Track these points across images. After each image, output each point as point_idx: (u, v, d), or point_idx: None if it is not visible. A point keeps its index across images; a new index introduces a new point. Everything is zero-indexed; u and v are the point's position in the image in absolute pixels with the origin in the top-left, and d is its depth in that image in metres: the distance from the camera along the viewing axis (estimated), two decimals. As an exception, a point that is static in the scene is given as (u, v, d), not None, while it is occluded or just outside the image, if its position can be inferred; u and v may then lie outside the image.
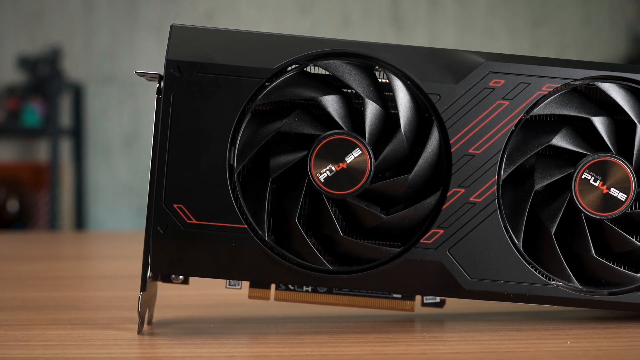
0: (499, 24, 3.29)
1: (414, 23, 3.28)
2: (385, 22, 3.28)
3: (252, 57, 0.55)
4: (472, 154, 0.56)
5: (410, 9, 3.28)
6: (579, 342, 0.53)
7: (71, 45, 3.16)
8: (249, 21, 3.23)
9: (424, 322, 0.62)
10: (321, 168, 0.55)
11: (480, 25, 3.29)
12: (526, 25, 3.29)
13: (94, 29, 3.20)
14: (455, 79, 0.56)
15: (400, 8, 3.27)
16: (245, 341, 0.55)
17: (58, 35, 3.17)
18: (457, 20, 3.28)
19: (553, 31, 3.30)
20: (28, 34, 3.18)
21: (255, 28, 3.20)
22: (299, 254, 0.56)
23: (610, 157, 0.56)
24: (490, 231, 0.56)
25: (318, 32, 3.23)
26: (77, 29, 3.19)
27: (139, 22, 3.20)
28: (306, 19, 3.26)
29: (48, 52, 3.09)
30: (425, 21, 3.28)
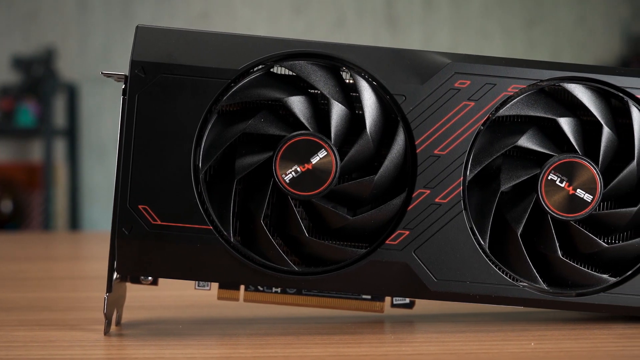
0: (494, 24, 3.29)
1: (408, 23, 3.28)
2: (379, 22, 3.28)
3: (217, 58, 0.55)
4: (438, 155, 0.56)
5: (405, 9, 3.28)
6: (543, 343, 0.53)
7: (65, 45, 3.17)
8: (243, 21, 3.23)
9: (393, 323, 0.62)
10: (286, 169, 0.55)
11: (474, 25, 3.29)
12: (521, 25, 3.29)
13: (89, 29, 3.20)
14: (421, 80, 0.56)
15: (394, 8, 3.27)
16: (210, 342, 0.55)
17: (52, 35, 3.17)
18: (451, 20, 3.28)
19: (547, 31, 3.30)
20: (22, 34, 3.18)
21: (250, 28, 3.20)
22: (264, 255, 0.56)
23: (576, 158, 0.56)
24: (456, 232, 0.56)
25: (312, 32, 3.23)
26: (71, 29, 3.19)
27: (134, 23, 3.20)
28: (301, 19, 3.26)
29: (42, 52, 3.09)
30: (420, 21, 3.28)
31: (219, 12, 3.24)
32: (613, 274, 0.58)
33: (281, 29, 3.22)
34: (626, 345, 0.52)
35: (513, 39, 3.28)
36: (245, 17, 3.24)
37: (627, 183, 0.57)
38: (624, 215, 0.57)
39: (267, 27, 3.22)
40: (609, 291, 0.57)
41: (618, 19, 3.31)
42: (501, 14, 3.29)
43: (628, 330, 0.56)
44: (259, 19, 3.24)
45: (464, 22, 3.29)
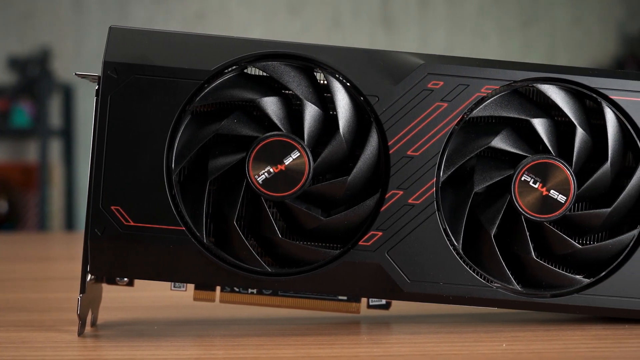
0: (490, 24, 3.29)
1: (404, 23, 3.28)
2: (375, 23, 3.28)
3: (190, 59, 0.55)
4: (411, 156, 0.56)
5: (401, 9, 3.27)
6: (514, 344, 0.53)
7: (61, 45, 3.17)
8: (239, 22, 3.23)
9: (369, 324, 0.62)
10: (259, 170, 0.55)
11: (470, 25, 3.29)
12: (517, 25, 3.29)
13: (84, 30, 3.20)
14: (394, 81, 0.56)
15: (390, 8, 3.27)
16: (183, 343, 0.55)
17: (48, 35, 3.17)
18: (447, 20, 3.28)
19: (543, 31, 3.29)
20: (18, 34, 3.18)
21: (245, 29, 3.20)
22: (237, 256, 0.56)
23: (549, 159, 0.56)
24: (429, 233, 0.56)
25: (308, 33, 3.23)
26: (67, 30, 3.19)
27: (129, 23, 3.20)
28: (296, 19, 3.26)
29: (38, 53, 3.09)
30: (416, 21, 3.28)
31: (215, 13, 3.24)
32: (587, 275, 0.58)
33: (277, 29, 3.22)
34: (597, 347, 0.52)
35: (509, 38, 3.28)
36: (241, 17, 3.24)
37: (601, 184, 0.57)
38: (598, 216, 0.57)
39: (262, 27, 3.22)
40: (582, 292, 0.57)
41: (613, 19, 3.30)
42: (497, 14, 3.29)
43: (602, 331, 0.56)
44: (255, 19, 3.24)
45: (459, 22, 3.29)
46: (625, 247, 0.57)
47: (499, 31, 3.28)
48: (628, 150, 0.58)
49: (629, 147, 0.58)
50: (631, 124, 0.57)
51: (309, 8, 3.27)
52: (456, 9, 3.29)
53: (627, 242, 0.57)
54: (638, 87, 0.57)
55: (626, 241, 0.57)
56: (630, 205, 0.58)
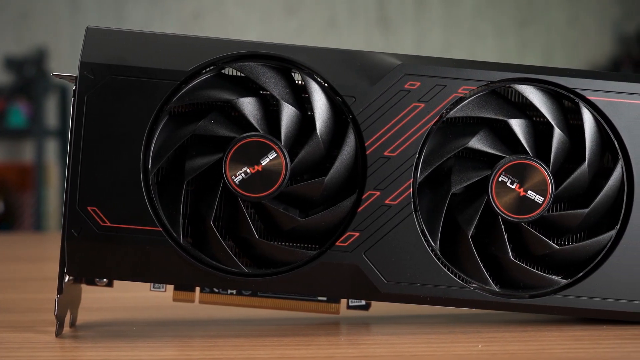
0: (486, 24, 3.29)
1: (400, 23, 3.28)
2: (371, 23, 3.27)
3: (166, 60, 0.55)
4: (388, 157, 0.56)
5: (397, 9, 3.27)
6: (490, 345, 0.53)
7: (57, 46, 3.16)
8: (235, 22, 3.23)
9: (349, 325, 0.61)
10: (236, 170, 0.55)
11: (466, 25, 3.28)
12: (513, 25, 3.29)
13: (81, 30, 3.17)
14: (371, 81, 0.56)
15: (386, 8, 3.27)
16: (160, 344, 0.55)
17: (44, 36, 3.17)
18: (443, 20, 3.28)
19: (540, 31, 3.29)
20: (14, 34, 3.18)
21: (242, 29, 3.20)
22: (215, 256, 0.56)
23: (527, 160, 0.56)
24: (406, 234, 0.56)
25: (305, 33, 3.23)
26: (63, 30, 3.19)
27: (126, 23, 3.20)
28: (293, 20, 3.26)
29: (34, 53, 3.09)
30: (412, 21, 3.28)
31: (211, 13, 3.24)
32: (566, 276, 0.58)
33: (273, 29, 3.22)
34: (573, 347, 0.52)
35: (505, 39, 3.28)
36: (237, 18, 3.24)
37: (578, 185, 0.57)
38: (576, 216, 0.57)
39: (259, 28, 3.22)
40: (560, 293, 0.57)
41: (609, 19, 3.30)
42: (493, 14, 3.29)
43: (579, 332, 0.56)
44: (251, 19, 3.24)
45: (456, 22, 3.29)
46: (603, 248, 0.57)
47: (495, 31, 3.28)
48: (606, 151, 0.58)
49: (607, 147, 0.58)
50: (608, 125, 0.57)
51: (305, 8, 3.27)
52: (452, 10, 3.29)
53: (605, 242, 0.57)
54: (615, 88, 0.57)
55: (604, 242, 0.57)
56: (608, 206, 0.57)
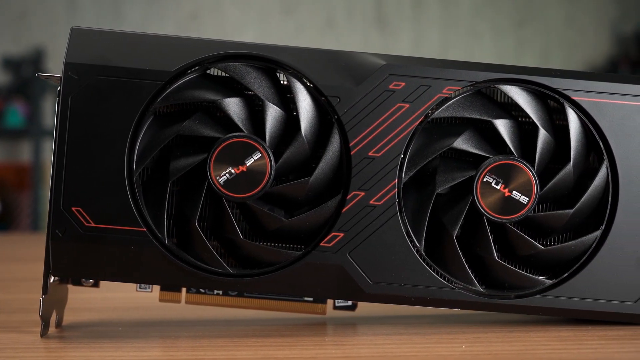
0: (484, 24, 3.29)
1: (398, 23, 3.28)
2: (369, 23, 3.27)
3: (151, 60, 0.55)
4: (373, 157, 0.56)
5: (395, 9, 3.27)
6: (474, 346, 0.53)
7: (55, 46, 3.16)
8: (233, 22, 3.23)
9: (335, 325, 0.61)
10: (221, 171, 0.55)
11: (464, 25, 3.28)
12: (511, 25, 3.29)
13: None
14: (356, 82, 0.56)
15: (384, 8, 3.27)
16: (143, 344, 0.55)
17: (42, 36, 3.17)
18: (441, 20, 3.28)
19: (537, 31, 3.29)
20: (12, 34, 3.18)
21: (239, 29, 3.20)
22: (199, 257, 0.56)
23: (512, 160, 0.56)
24: (391, 234, 0.56)
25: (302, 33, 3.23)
26: (61, 30, 3.19)
27: (123, 23, 3.20)
28: (290, 20, 3.26)
29: (32, 53, 3.09)
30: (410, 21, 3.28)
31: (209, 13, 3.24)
32: (551, 277, 0.58)
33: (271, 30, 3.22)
34: (556, 348, 0.52)
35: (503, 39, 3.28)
36: (235, 18, 3.24)
37: (563, 185, 0.57)
38: (561, 217, 0.57)
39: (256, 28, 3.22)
40: (545, 293, 0.57)
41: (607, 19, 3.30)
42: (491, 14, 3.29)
43: (565, 332, 0.56)
44: (249, 20, 3.24)
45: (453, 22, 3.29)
46: (588, 248, 0.57)
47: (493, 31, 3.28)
48: (591, 151, 0.58)
49: (592, 148, 0.58)
50: (593, 125, 0.57)
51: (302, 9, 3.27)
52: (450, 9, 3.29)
53: (590, 243, 0.57)
54: (600, 88, 0.57)
55: (589, 242, 0.57)
56: (593, 207, 0.57)
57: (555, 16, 3.29)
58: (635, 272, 0.57)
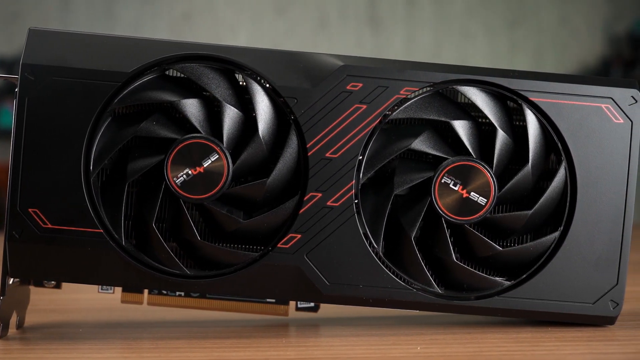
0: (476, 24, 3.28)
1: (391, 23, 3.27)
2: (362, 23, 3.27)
3: (108, 61, 0.55)
4: (330, 158, 0.56)
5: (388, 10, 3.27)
6: (429, 347, 0.52)
7: (48, 46, 3.16)
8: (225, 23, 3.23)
9: (298, 326, 0.61)
10: (178, 172, 0.55)
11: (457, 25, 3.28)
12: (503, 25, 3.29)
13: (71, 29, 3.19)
14: (313, 83, 0.56)
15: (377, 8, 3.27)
16: (99, 346, 0.55)
17: (35, 36, 3.17)
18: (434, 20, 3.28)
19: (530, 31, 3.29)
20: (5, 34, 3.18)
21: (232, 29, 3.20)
22: (157, 258, 0.56)
23: (469, 162, 0.56)
24: (348, 236, 0.56)
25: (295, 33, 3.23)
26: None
27: (117, 23, 3.20)
28: (283, 20, 3.26)
29: (25, 53, 3.09)
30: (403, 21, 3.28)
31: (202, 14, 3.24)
32: (510, 278, 0.57)
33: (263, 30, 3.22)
34: (511, 350, 0.52)
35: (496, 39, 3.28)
36: (228, 18, 3.24)
37: (522, 186, 0.57)
38: (519, 218, 0.57)
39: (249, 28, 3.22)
40: (503, 295, 0.57)
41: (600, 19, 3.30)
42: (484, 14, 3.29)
43: (522, 334, 0.56)
44: (242, 20, 3.24)
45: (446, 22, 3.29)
46: (547, 250, 0.57)
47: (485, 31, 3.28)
48: (551, 152, 0.58)
49: (551, 149, 0.57)
50: (552, 126, 0.57)
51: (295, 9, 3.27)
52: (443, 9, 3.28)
53: (549, 244, 0.57)
54: (558, 89, 0.56)
55: (547, 243, 0.57)
56: (552, 208, 0.57)
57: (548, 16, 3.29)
58: (593, 273, 0.57)
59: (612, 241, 0.57)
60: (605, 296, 0.57)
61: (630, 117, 0.57)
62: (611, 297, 0.57)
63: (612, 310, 0.57)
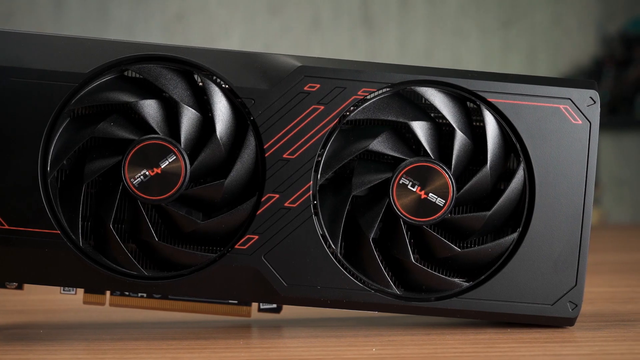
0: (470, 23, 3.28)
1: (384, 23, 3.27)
2: (355, 22, 3.27)
3: (66, 62, 0.55)
4: (287, 159, 0.56)
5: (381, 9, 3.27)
6: (385, 349, 0.52)
7: (41, 46, 3.16)
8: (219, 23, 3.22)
9: (261, 328, 0.61)
10: (135, 173, 0.55)
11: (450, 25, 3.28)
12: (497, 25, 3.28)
13: (65, 30, 3.19)
14: (270, 83, 0.55)
15: (370, 8, 3.27)
16: (56, 347, 0.54)
17: (28, 36, 3.17)
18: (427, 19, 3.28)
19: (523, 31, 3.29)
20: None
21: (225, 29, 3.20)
22: (116, 259, 0.56)
23: (427, 162, 0.56)
24: (306, 237, 0.56)
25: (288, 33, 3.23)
26: (47, 30, 3.19)
27: (110, 23, 3.20)
28: (276, 19, 3.26)
29: (17, 53, 3.09)
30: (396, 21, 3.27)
31: (195, 14, 3.24)
32: (469, 279, 0.57)
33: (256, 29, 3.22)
34: (466, 351, 0.51)
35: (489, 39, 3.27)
36: (221, 18, 3.24)
37: (480, 187, 0.57)
38: (477, 219, 0.57)
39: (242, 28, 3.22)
40: (462, 296, 0.57)
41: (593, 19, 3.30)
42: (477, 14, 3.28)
43: (481, 335, 0.56)
44: (235, 20, 3.23)
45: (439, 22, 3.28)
46: (505, 251, 0.57)
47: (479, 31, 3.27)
48: (510, 153, 0.58)
49: (511, 150, 0.57)
50: (510, 127, 0.56)
51: (289, 9, 3.26)
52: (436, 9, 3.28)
53: (507, 245, 0.57)
54: (516, 90, 0.56)
55: (506, 245, 0.57)
56: (511, 209, 0.57)
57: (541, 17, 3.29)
58: (552, 275, 0.56)
59: (570, 242, 0.56)
60: (564, 297, 0.57)
61: (589, 118, 0.57)
62: (570, 299, 0.57)
63: (571, 311, 0.57)
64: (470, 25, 3.28)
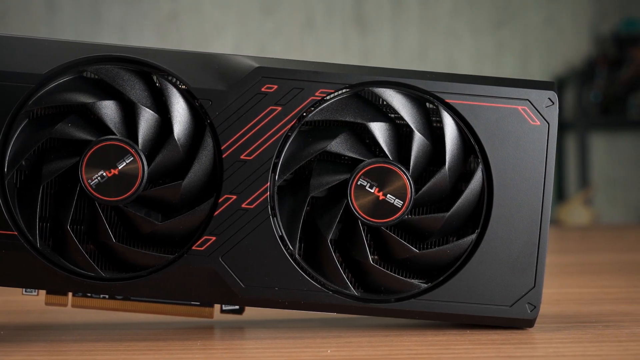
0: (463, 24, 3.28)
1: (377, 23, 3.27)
2: (348, 23, 3.27)
3: (22, 63, 0.55)
4: (244, 160, 0.55)
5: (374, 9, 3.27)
6: (340, 350, 0.52)
7: (33, 46, 3.16)
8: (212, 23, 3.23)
9: (223, 329, 0.61)
10: (92, 174, 0.55)
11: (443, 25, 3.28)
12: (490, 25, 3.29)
13: (57, 30, 3.20)
14: (228, 84, 0.55)
15: (363, 8, 3.27)
16: (11, 349, 0.54)
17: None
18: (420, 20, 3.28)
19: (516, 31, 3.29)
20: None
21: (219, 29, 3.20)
22: (73, 260, 0.56)
23: (385, 164, 0.56)
24: (263, 238, 0.56)
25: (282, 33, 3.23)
26: (40, 30, 3.19)
27: (102, 23, 3.20)
28: (270, 20, 3.26)
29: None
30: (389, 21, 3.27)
31: (188, 14, 3.24)
32: (428, 280, 0.57)
33: (250, 30, 3.22)
34: (420, 353, 0.51)
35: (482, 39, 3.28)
36: (215, 18, 3.24)
37: (439, 188, 0.57)
38: (436, 220, 0.57)
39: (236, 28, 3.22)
40: (420, 297, 0.57)
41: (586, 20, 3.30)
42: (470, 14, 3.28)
43: (439, 337, 0.55)
44: (228, 20, 3.24)
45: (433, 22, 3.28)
46: (464, 252, 0.57)
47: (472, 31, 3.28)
48: (470, 155, 0.57)
49: (470, 151, 0.57)
50: (468, 128, 0.56)
51: (282, 9, 3.27)
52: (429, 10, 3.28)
53: (465, 246, 0.57)
54: (474, 91, 0.56)
55: (464, 246, 0.57)
56: (470, 210, 0.57)
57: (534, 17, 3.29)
58: (510, 276, 0.56)
59: (529, 243, 0.56)
60: (522, 299, 0.56)
61: (547, 119, 0.56)
62: (528, 300, 0.56)
63: (530, 312, 0.57)
64: (463, 25, 3.28)
